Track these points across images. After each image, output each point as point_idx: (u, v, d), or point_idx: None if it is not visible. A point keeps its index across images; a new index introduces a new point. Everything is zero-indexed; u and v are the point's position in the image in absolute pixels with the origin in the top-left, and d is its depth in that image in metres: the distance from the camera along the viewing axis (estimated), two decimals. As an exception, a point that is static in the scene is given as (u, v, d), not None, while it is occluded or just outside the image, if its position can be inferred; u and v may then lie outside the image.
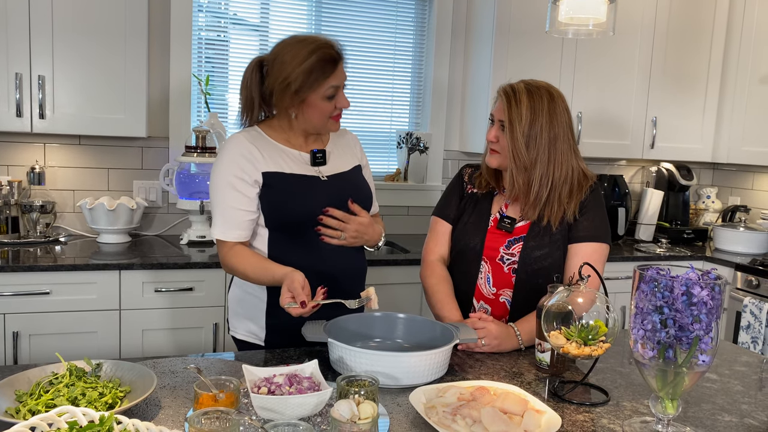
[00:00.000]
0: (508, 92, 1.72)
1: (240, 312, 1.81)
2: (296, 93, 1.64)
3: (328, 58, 1.63)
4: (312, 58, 1.61)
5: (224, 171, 1.69)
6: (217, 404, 1.17)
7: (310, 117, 1.69)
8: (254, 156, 1.68)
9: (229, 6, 3.22)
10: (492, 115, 1.77)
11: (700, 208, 3.97)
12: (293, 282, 1.50)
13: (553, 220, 1.74)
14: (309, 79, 1.62)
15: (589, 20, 1.72)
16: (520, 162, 1.70)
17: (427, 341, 1.57)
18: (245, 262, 1.66)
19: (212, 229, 1.72)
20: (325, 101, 1.67)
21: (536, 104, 1.69)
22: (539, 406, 1.26)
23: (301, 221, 1.70)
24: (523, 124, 1.68)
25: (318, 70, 1.62)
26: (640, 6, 3.41)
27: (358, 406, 1.12)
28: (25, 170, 2.90)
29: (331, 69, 1.64)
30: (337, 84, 1.66)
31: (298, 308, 1.47)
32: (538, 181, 1.71)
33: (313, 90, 1.64)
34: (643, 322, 1.17)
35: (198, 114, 3.19)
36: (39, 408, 1.15)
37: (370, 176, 1.93)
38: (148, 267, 2.53)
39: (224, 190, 1.68)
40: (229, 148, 1.70)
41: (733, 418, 1.33)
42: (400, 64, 3.53)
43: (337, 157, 1.82)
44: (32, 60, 2.59)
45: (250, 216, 1.70)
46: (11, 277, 2.38)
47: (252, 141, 1.71)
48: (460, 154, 3.62)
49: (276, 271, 1.59)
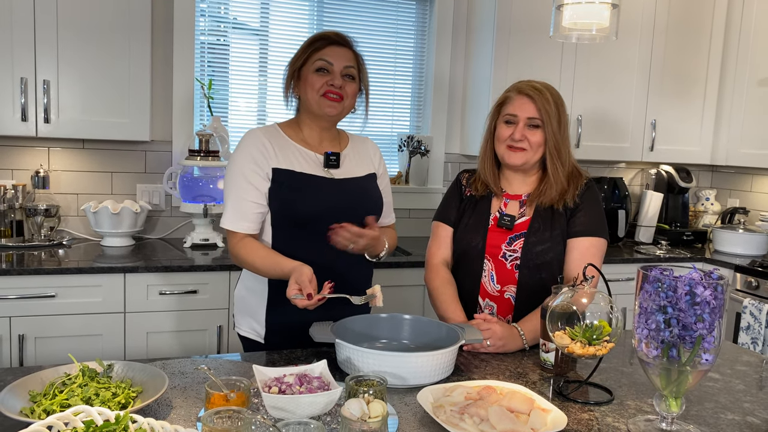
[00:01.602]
0: (534, 91, 1.79)
1: (243, 308, 1.85)
2: (292, 64, 1.78)
3: (324, 37, 1.76)
4: (314, 38, 1.77)
5: (239, 163, 1.73)
6: (228, 404, 1.18)
7: (305, 93, 1.76)
8: (268, 151, 1.73)
9: (230, 10, 3.24)
10: (514, 115, 1.81)
11: (700, 210, 4.00)
12: (302, 275, 1.52)
13: (560, 205, 1.82)
14: (304, 53, 1.75)
15: (593, 25, 1.74)
16: (558, 152, 1.80)
17: (432, 342, 1.58)
18: (255, 254, 1.69)
19: (222, 218, 1.75)
20: (315, 75, 1.73)
21: (557, 99, 1.81)
22: (545, 405, 1.28)
23: (307, 220, 1.73)
24: (554, 116, 1.78)
25: (311, 45, 1.75)
26: (639, 8, 3.44)
27: (368, 405, 1.14)
28: (30, 174, 2.91)
29: (323, 45, 1.74)
30: (328, 59, 1.73)
31: (304, 300, 1.49)
32: (566, 169, 1.82)
33: (304, 63, 1.75)
34: (647, 321, 1.19)
35: (201, 118, 3.21)
36: (54, 408, 1.16)
37: (388, 186, 1.96)
38: (153, 270, 2.55)
39: (238, 181, 1.72)
40: (246, 142, 1.75)
41: (736, 417, 1.35)
42: (400, 67, 3.55)
43: (353, 162, 1.85)
44: (37, 65, 2.61)
45: (261, 209, 1.74)
46: (16, 280, 2.40)
47: (268, 137, 1.76)
48: (461, 157, 3.64)
49: (285, 264, 1.61)
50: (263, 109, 3.36)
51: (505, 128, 1.82)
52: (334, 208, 1.74)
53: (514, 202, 1.87)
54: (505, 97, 1.85)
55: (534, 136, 1.79)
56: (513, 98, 1.82)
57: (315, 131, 1.82)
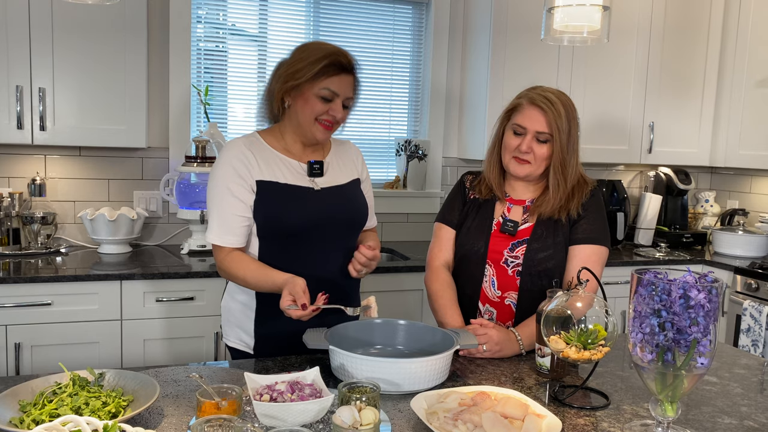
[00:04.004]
0: (546, 102, 1.74)
1: (231, 320, 1.83)
2: (293, 75, 1.65)
3: (336, 63, 1.66)
4: (323, 57, 1.65)
5: (222, 176, 1.70)
6: (219, 412, 1.17)
7: (299, 111, 1.69)
8: (251, 162, 1.70)
9: (228, 17, 3.24)
10: (523, 126, 1.76)
11: (699, 212, 3.99)
12: (295, 286, 1.51)
13: (563, 215, 1.79)
14: (311, 70, 1.64)
15: (584, 28, 1.73)
16: (564, 167, 1.76)
17: (427, 347, 1.57)
18: (245, 267, 1.67)
19: (208, 233, 1.72)
20: (318, 100, 1.66)
21: (570, 113, 1.76)
22: (540, 411, 1.26)
23: (293, 231, 1.70)
24: (564, 131, 1.74)
25: (321, 67, 1.64)
26: (636, 10, 3.43)
27: (360, 412, 1.13)
28: (26, 182, 2.91)
29: (334, 71, 1.65)
30: (335, 90, 1.66)
31: (299, 311, 1.48)
32: (568, 183, 1.78)
33: (309, 81, 1.64)
34: (642, 325, 1.18)
35: (198, 124, 3.21)
36: (43, 418, 1.15)
37: (370, 190, 1.93)
38: (149, 277, 2.54)
39: (221, 195, 1.69)
40: (227, 154, 1.71)
41: (733, 421, 1.33)
42: (397, 71, 3.55)
43: (336, 169, 1.83)
44: (33, 72, 2.61)
45: (247, 222, 1.71)
46: (13, 288, 2.39)
47: (249, 147, 1.72)
48: (459, 161, 3.64)
49: (277, 277, 1.60)
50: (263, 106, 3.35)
51: (513, 138, 1.79)
52: (320, 218, 1.72)
53: (518, 208, 1.85)
54: (516, 104, 1.80)
55: (541, 149, 1.76)
56: (524, 107, 1.77)
57: (298, 141, 1.77)
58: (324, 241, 1.74)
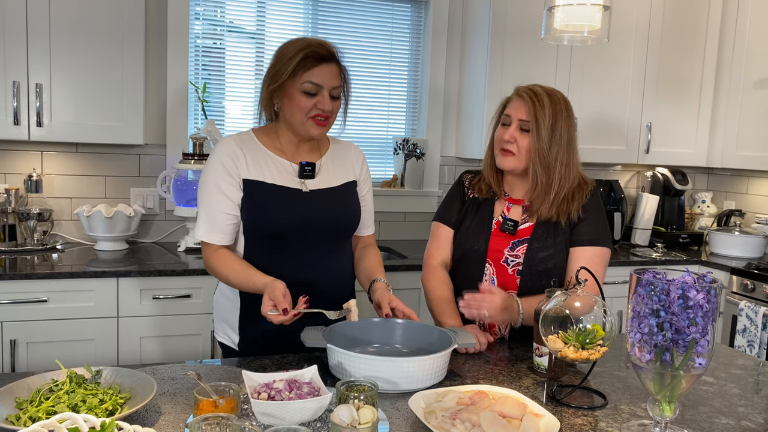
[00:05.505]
0: (530, 93, 1.75)
1: (219, 315, 1.84)
2: (274, 77, 1.65)
3: (313, 54, 1.63)
4: (299, 50, 1.63)
5: (212, 172, 1.69)
6: (217, 410, 1.17)
7: (290, 110, 1.67)
8: (240, 160, 1.69)
9: (226, 14, 3.23)
10: (508, 115, 1.78)
11: (696, 212, 3.99)
12: (274, 291, 1.49)
13: (563, 218, 1.78)
14: (289, 66, 1.62)
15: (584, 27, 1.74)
16: (544, 160, 1.74)
17: (425, 346, 1.57)
18: (228, 266, 1.66)
19: (196, 229, 1.72)
20: (303, 96, 1.63)
21: (557, 106, 1.74)
22: (538, 410, 1.26)
23: (276, 233, 1.69)
24: (547, 123, 1.72)
25: (299, 61, 1.62)
26: (634, 11, 3.44)
27: (358, 411, 1.12)
28: (23, 178, 2.90)
29: (312, 63, 1.63)
30: (317, 82, 1.63)
31: (280, 315, 1.47)
32: (558, 181, 1.75)
33: (290, 78, 1.63)
34: (640, 325, 1.18)
35: (195, 121, 3.20)
36: (39, 415, 1.15)
37: (370, 194, 1.89)
38: (146, 274, 2.53)
39: (210, 192, 1.69)
40: (218, 151, 1.71)
41: (730, 421, 1.34)
42: (396, 70, 3.55)
43: (330, 171, 1.79)
44: (30, 68, 2.60)
45: (234, 220, 1.70)
46: (8, 285, 2.38)
47: (240, 145, 1.71)
48: (457, 160, 3.64)
49: (258, 279, 1.59)
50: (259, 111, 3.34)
51: (500, 130, 1.81)
52: (306, 221, 1.70)
53: (517, 207, 1.85)
54: (507, 99, 1.84)
55: (524, 140, 1.76)
56: (512, 99, 1.81)
57: (293, 141, 1.75)
58: (309, 244, 1.72)
